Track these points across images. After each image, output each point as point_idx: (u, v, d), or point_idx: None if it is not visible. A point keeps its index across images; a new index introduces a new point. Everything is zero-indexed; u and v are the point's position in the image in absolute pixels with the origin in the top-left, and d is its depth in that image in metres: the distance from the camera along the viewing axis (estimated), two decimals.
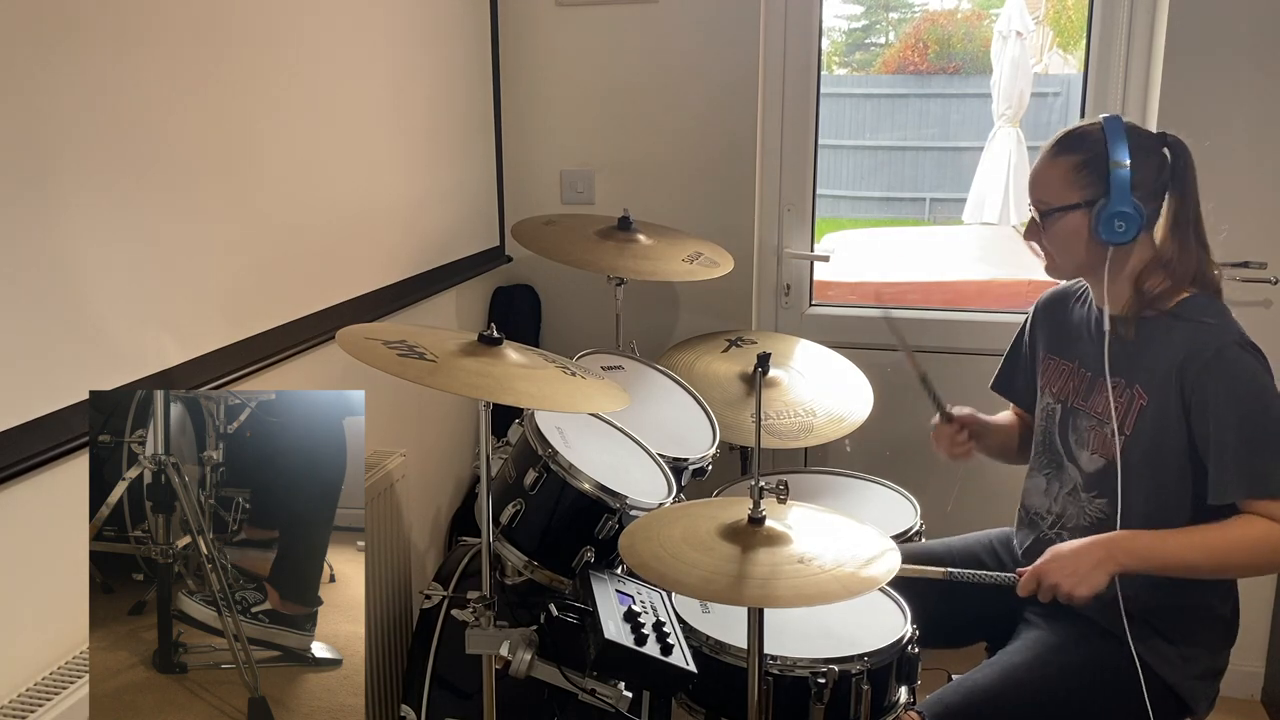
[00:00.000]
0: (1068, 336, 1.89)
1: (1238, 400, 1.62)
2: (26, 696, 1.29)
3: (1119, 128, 1.70)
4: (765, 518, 1.46)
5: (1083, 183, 1.70)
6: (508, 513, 1.73)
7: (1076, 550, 1.66)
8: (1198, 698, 1.73)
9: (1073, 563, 1.65)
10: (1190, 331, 1.67)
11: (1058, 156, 1.74)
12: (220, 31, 1.65)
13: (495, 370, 1.48)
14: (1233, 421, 1.61)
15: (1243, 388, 1.62)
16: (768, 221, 2.82)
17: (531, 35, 2.77)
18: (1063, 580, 1.63)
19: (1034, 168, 1.79)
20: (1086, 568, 1.63)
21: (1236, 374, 1.63)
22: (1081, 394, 1.81)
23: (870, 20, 8.75)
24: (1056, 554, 1.68)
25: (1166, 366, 1.67)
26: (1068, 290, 1.94)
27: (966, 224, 5.91)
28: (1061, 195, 1.72)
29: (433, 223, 2.44)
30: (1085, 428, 1.79)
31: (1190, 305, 1.70)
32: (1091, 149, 1.71)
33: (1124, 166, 1.67)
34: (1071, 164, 1.72)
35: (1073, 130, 1.76)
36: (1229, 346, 1.64)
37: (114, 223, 1.44)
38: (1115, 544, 1.66)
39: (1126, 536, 1.67)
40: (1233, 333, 1.66)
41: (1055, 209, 1.73)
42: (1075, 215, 1.71)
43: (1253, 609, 1.82)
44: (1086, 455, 1.79)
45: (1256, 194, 2.43)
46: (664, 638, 1.53)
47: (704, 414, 2.18)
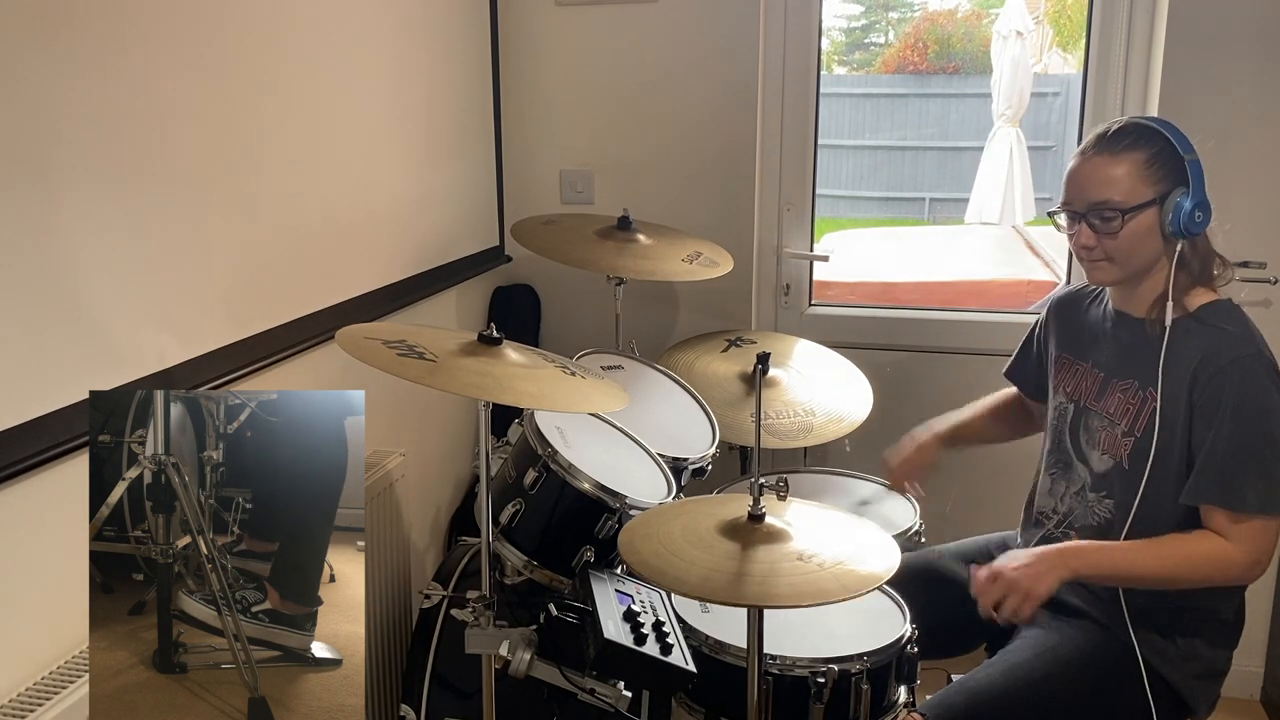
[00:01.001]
0: (1082, 337, 1.88)
1: (1241, 412, 1.61)
2: (26, 696, 1.29)
3: (1167, 123, 1.69)
4: (765, 514, 1.46)
5: (1155, 178, 1.66)
6: (507, 512, 1.73)
7: (1030, 553, 1.68)
8: (1198, 698, 1.73)
9: (1027, 564, 1.66)
10: (1210, 336, 1.66)
11: (1120, 154, 1.67)
12: (220, 31, 1.65)
13: (495, 370, 1.48)
14: (1228, 431, 1.61)
15: (1250, 402, 1.62)
16: (767, 221, 2.82)
17: (531, 35, 2.77)
18: (1021, 577, 1.63)
19: (1084, 169, 1.71)
20: (1041, 569, 1.64)
21: (1248, 387, 1.62)
22: (1094, 394, 1.81)
23: (870, 20, 8.76)
24: (1011, 557, 1.69)
25: (1181, 369, 1.67)
26: (1081, 291, 1.93)
27: (966, 224, 5.92)
28: (1135, 193, 1.66)
29: (432, 222, 2.44)
30: (1096, 428, 1.79)
31: (1212, 310, 1.69)
32: (1155, 143, 1.67)
33: (1196, 158, 1.66)
34: (1140, 160, 1.67)
35: (1118, 128, 1.70)
36: (1246, 357, 1.63)
37: (114, 222, 1.44)
38: (1067, 551, 1.68)
39: (1078, 545, 1.70)
40: (1254, 344, 1.65)
41: (1131, 208, 1.66)
42: (1150, 213, 1.67)
43: (1253, 609, 1.82)
44: (1097, 455, 1.79)
45: (1256, 194, 2.43)
46: (663, 637, 1.53)
47: (704, 414, 2.18)
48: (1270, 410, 1.62)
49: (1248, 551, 1.62)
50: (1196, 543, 1.64)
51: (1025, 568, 1.64)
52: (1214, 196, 1.75)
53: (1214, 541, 1.63)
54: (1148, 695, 1.67)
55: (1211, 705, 1.76)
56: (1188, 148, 1.67)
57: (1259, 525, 1.61)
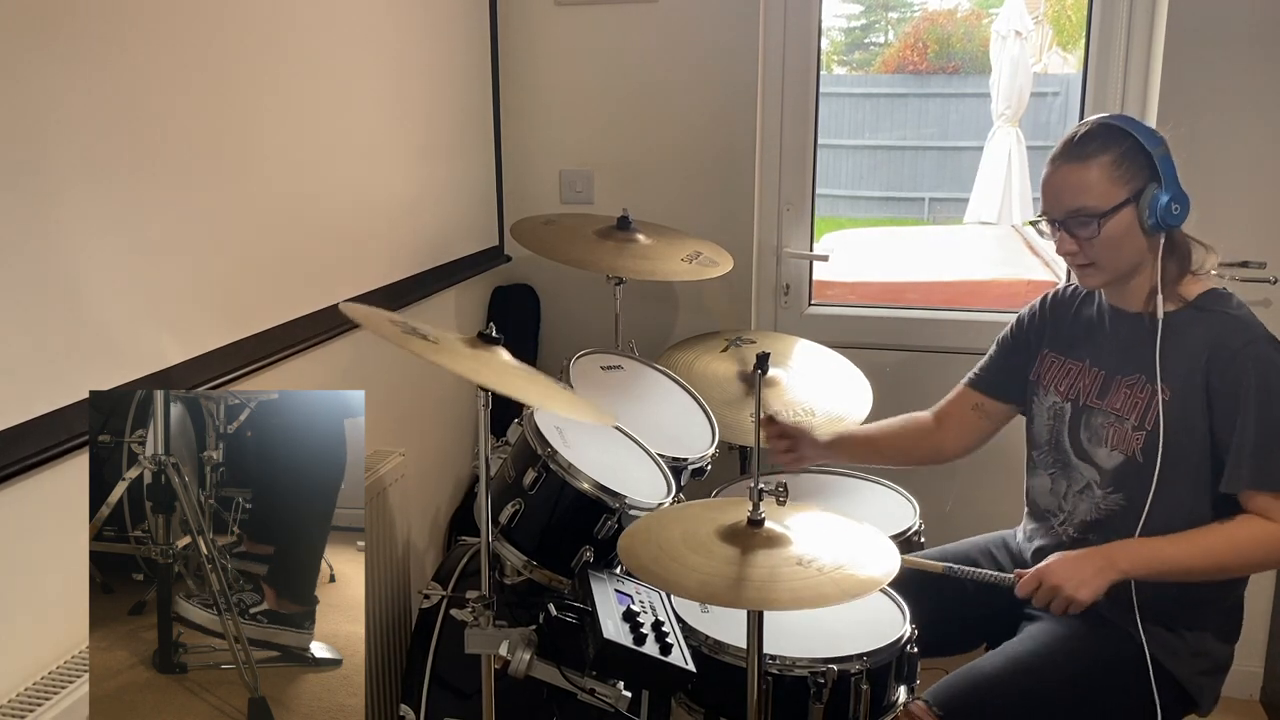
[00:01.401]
0: (1074, 335, 1.88)
1: (1266, 394, 1.63)
2: (26, 696, 1.29)
3: (1130, 119, 1.70)
4: (765, 520, 1.46)
5: (1125, 177, 1.67)
6: (507, 512, 1.73)
7: (1079, 556, 1.68)
8: (1204, 693, 1.73)
9: (1075, 567, 1.66)
10: (1216, 323, 1.67)
11: (1088, 160, 1.68)
12: (220, 30, 1.65)
13: (494, 362, 1.48)
14: (1256, 414, 1.62)
15: (1272, 384, 1.63)
16: (767, 221, 2.82)
17: (531, 35, 2.77)
18: (1065, 583, 1.64)
19: (1056, 178, 1.72)
20: (1088, 573, 1.64)
21: (1266, 370, 1.63)
22: (1096, 392, 1.81)
23: (869, 19, 8.75)
24: (1061, 559, 1.69)
25: (1192, 357, 1.67)
26: (1069, 292, 1.94)
27: (966, 224, 5.92)
28: (1108, 196, 1.67)
29: (432, 222, 2.44)
30: (1101, 425, 1.79)
31: (1212, 297, 1.71)
32: (1122, 142, 1.68)
33: (1165, 151, 1.67)
34: (1108, 162, 1.67)
35: (1083, 133, 1.70)
36: (1258, 341, 1.65)
37: (113, 222, 1.44)
38: (1114, 550, 1.67)
39: (1125, 544, 1.69)
40: (1260, 327, 1.68)
41: (1106, 211, 1.67)
42: (1126, 213, 1.67)
43: (1252, 610, 1.82)
44: (1105, 452, 1.78)
45: (1256, 194, 2.43)
46: (663, 637, 1.53)
47: (703, 414, 2.18)
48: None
49: None
50: (1239, 528, 1.64)
51: (1073, 571, 1.65)
52: (1214, 196, 1.75)
53: (1257, 525, 1.63)
54: (1153, 690, 1.67)
55: (1215, 700, 1.76)
56: (1155, 142, 1.67)
57: None
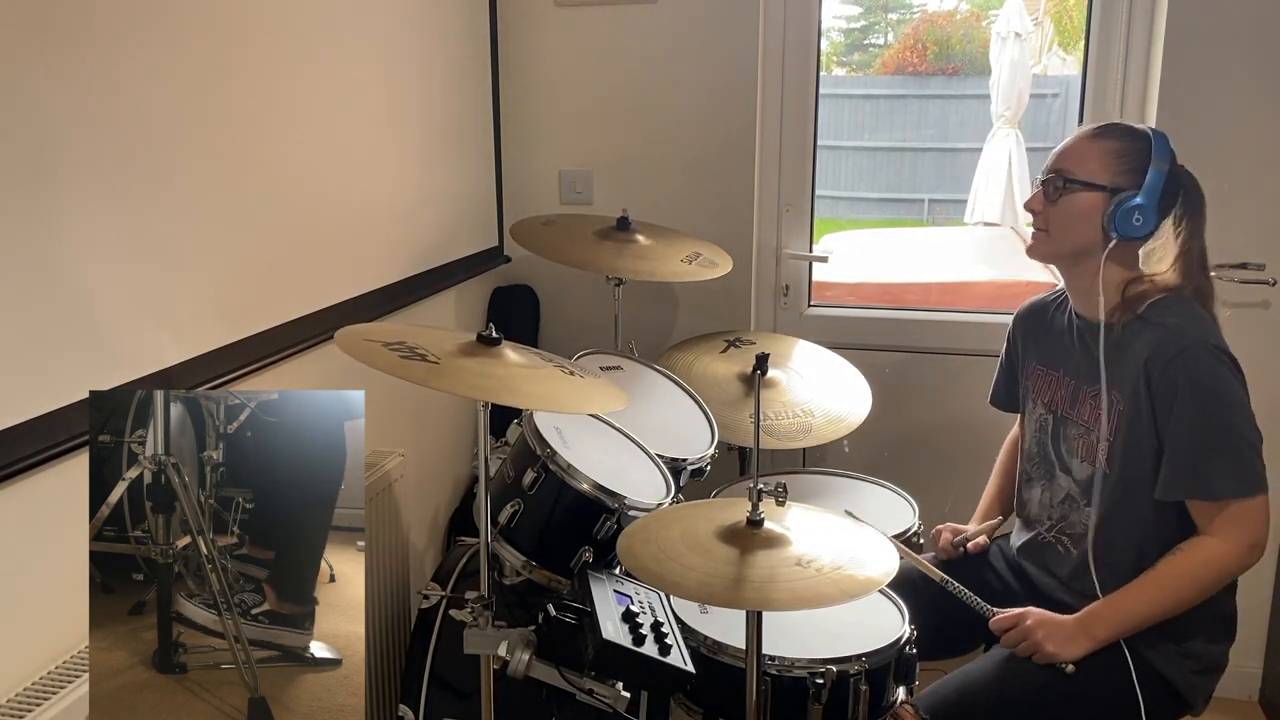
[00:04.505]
0: (1051, 346, 1.89)
1: (1197, 400, 1.62)
2: (26, 696, 1.29)
3: (1167, 141, 1.71)
4: (764, 520, 1.46)
5: (1116, 168, 1.69)
6: (506, 513, 1.73)
7: (1060, 620, 1.71)
8: (1196, 694, 1.74)
9: (1056, 628, 1.69)
10: (1155, 333, 1.67)
11: (1099, 138, 1.73)
12: (220, 32, 1.65)
13: (496, 371, 1.48)
14: (1188, 420, 1.62)
15: (1204, 388, 1.63)
16: (766, 222, 2.82)
17: (531, 35, 2.77)
18: (1046, 641, 1.68)
19: (1067, 142, 1.77)
20: (1063, 637, 1.68)
21: (1197, 374, 1.62)
22: (1068, 403, 1.82)
23: (869, 21, 8.75)
24: (1041, 617, 1.72)
25: (1135, 369, 1.68)
26: (1046, 300, 1.94)
27: (965, 225, 5.92)
28: (1089, 171, 1.71)
29: (431, 222, 2.44)
30: (1074, 436, 1.80)
31: (1157, 308, 1.70)
32: (1136, 141, 1.71)
33: (1164, 169, 1.68)
34: (1111, 147, 1.71)
35: (1122, 123, 1.77)
36: (1194, 346, 1.64)
37: (113, 222, 1.44)
38: (1089, 621, 1.69)
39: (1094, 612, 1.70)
40: (1200, 334, 1.65)
41: (1077, 181, 1.71)
42: (1093, 195, 1.70)
43: (1251, 610, 1.83)
44: (1077, 463, 1.80)
45: (1256, 195, 2.43)
46: (662, 638, 1.53)
47: (703, 414, 2.18)
48: (1223, 394, 1.63)
49: (1236, 539, 1.62)
50: (1187, 557, 1.66)
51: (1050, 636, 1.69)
52: (1213, 198, 1.75)
53: (1201, 547, 1.64)
54: (1143, 692, 1.67)
55: (1207, 700, 1.76)
56: (1164, 157, 1.68)
57: (1238, 509, 1.62)
